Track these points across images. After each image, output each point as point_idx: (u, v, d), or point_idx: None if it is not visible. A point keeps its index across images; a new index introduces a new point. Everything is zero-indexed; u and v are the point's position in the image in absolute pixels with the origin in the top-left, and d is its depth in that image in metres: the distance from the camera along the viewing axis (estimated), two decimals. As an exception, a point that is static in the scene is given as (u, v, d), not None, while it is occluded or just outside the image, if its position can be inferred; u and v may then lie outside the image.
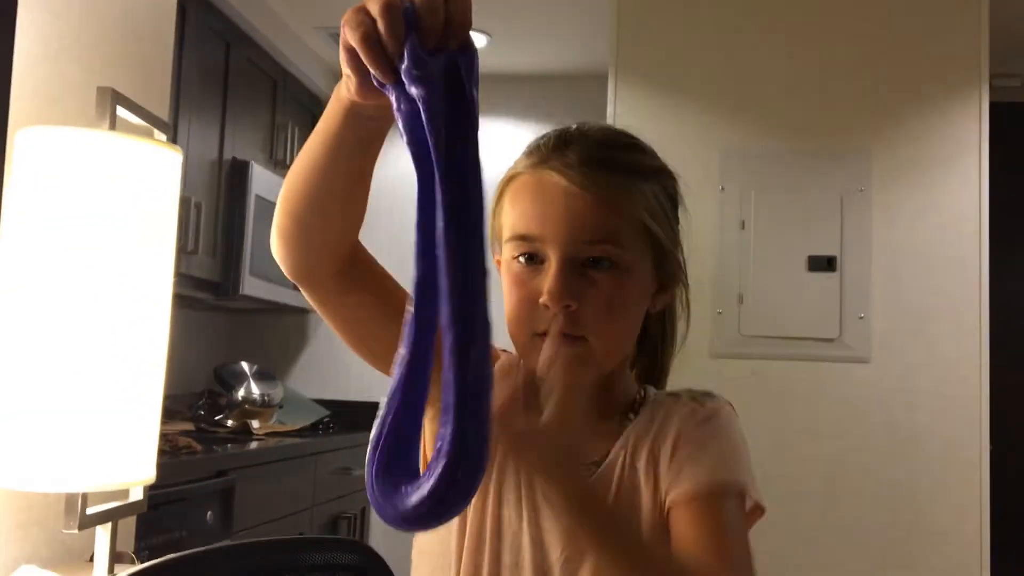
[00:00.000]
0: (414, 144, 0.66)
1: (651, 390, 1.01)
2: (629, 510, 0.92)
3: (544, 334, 0.91)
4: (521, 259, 0.94)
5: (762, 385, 2.97)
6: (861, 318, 2.95)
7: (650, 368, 1.06)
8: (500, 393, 1.00)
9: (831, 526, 2.88)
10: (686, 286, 1.02)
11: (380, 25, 0.66)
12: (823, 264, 2.95)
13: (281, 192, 0.87)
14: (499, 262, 0.99)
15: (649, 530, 0.91)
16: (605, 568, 0.83)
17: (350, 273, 0.92)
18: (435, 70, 0.65)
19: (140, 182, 1.28)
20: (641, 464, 0.94)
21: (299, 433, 3.50)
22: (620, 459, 0.94)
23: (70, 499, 1.27)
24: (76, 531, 1.27)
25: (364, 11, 0.66)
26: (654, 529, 0.91)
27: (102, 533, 1.36)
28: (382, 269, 0.96)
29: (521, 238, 0.93)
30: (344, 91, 0.76)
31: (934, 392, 2.91)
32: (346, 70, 0.71)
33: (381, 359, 0.95)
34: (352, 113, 0.78)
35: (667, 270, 0.98)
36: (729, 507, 0.89)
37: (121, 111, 1.36)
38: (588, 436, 0.97)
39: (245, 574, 1.26)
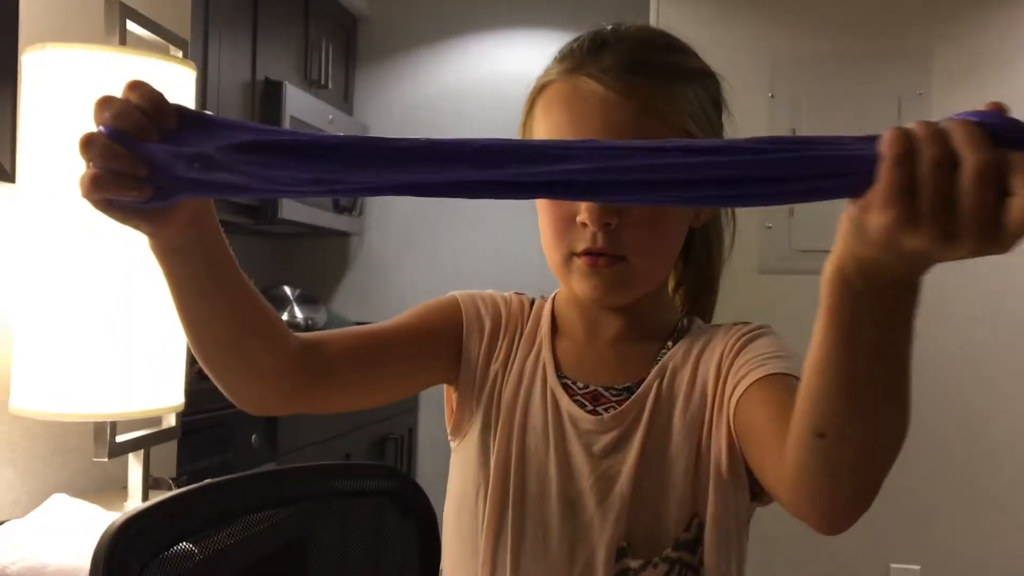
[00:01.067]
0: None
1: (697, 321, 0.95)
2: (665, 430, 0.86)
3: (583, 254, 0.86)
4: None
5: (814, 302, 2.88)
6: (918, 229, 2.83)
7: (698, 286, 0.99)
8: None
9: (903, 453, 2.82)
10: None
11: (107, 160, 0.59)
12: (879, 173, 2.83)
13: (195, 352, 0.78)
14: None
15: (684, 462, 0.85)
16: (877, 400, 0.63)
17: (311, 371, 0.84)
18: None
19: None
20: (680, 393, 0.88)
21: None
22: (655, 387, 0.88)
23: (99, 427, 1.25)
24: (106, 459, 1.25)
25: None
26: (689, 460, 0.85)
27: (134, 461, 1.35)
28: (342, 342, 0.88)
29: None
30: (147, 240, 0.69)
31: (1000, 306, 2.80)
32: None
33: (407, 383, 0.95)
34: (158, 245, 0.70)
35: None
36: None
37: (132, 27, 1.30)
38: (621, 359, 0.91)
39: (278, 501, 1.24)
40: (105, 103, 0.61)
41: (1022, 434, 2.78)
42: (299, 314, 3.42)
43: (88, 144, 0.59)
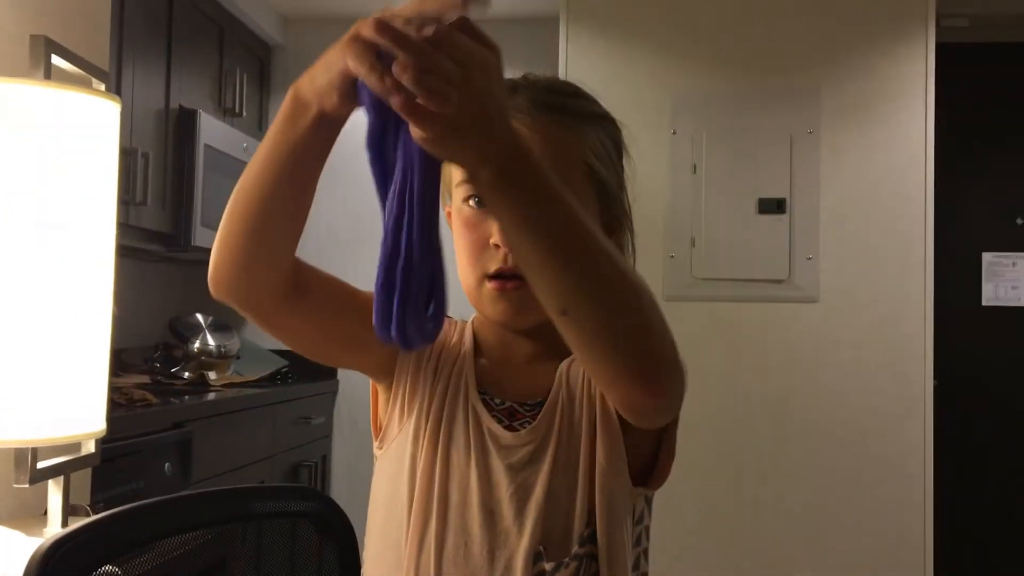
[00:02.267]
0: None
1: None
2: (572, 436, 0.94)
3: (494, 276, 0.94)
4: (471, 202, 0.95)
5: (714, 326, 3.02)
6: (809, 259, 2.99)
7: None
8: None
9: (780, 462, 2.96)
10: (632, 232, 1.04)
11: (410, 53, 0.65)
12: (773, 207, 2.99)
13: (232, 208, 0.83)
14: (450, 213, 0.99)
15: (584, 461, 0.93)
16: (579, 270, 0.75)
17: (297, 283, 0.90)
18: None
19: (77, 134, 1.26)
20: (576, 392, 0.96)
21: (258, 383, 3.50)
22: (560, 397, 0.96)
23: (19, 453, 1.27)
24: (27, 485, 1.27)
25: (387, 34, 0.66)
26: (586, 458, 0.93)
27: (54, 487, 1.36)
28: (323, 273, 0.95)
29: (470, 181, 0.94)
30: (310, 96, 0.76)
31: (880, 330, 2.97)
32: (360, 70, 0.68)
33: (354, 348, 0.98)
34: (323, 120, 0.77)
35: (614, 214, 1.00)
36: None
37: (57, 60, 1.34)
38: (533, 376, 0.99)
39: (197, 524, 1.28)
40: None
41: (906, 450, 2.94)
42: (211, 341, 3.41)
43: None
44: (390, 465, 0.99)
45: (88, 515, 1.56)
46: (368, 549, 1.02)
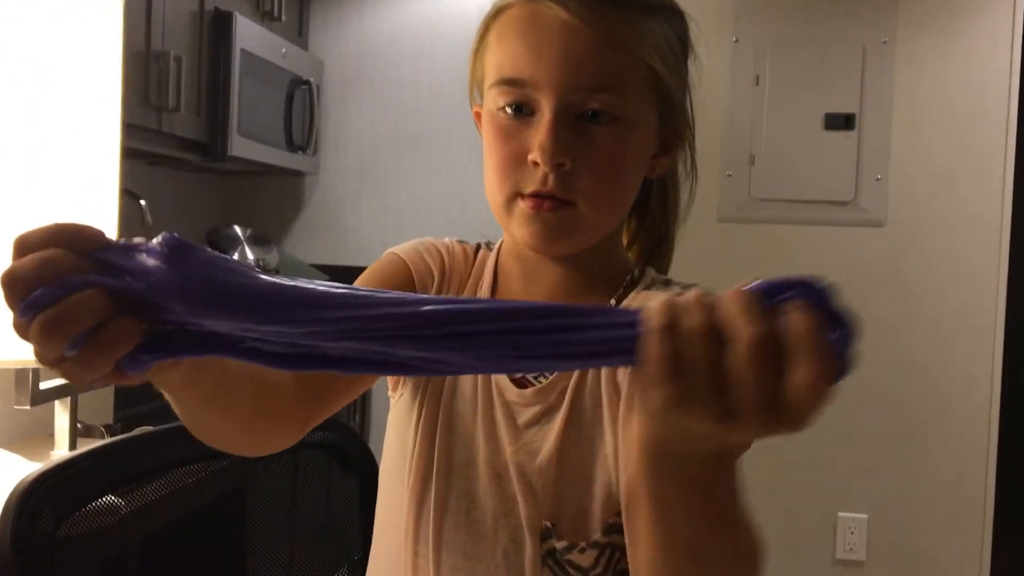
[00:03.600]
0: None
1: (650, 273, 0.89)
2: (595, 400, 0.82)
3: (530, 195, 0.80)
4: (508, 109, 0.81)
5: (772, 250, 2.86)
6: (878, 180, 2.81)
7: (653, 240, 0.94)
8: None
9: (839, 393, 2.82)
10: (692, 147, 0.89)
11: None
12: (840, 122, 2.80)
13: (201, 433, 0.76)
14: (479, 114, 0.86)
15: (615, 438, 0.80)
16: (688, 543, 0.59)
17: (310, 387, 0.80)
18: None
19: (77, 29, 1.14)
20: None
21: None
22: None
23: (20, 374, 1.19)
24: (28, 407, 1.20)
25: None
26: (620, 424, 0.80)
27: (60, 408, 1.29)
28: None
29: (509, 83, 0.80)
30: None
31: (950, 258, 2.80)
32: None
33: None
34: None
35: (673, 126, 0.85)
36: None
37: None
38: None
39: (209, 452, 1.19)
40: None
41: (970, 385, 2.80)
42: (250, 255, 3.33)
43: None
44: (399, 415, 0.88)
45: (104, 437, 1.49)
46: (378, 503, 0.92)
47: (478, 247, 0.92)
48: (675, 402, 0.46)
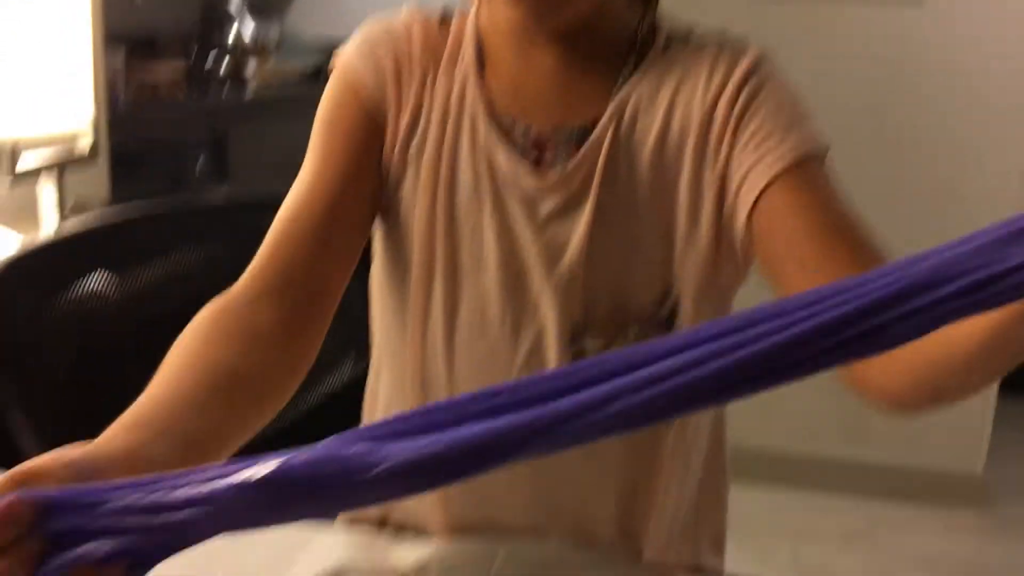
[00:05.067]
0: None
1: (664, 31, 0.76)
2: (626, 197, 0.73)
3: None
4: None
5: (801, 32, 2.70)
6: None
7: None
8: None
9: (873, 184, 2.72)
10: None
11: None
12: None
13: None
14: None
15: (655, 226, 0.73)
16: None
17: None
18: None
19: None
20: (648, 140, 0.73)
21: (299, 78, 3.27)
22: (610, 132, 0.72)
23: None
24: (9, 182, 1.13)
25: None
26: (661, 224, 0.73)
27: (47, 185, 1.22)
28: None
29: None
30: None
31: (993, 41, 2.63)
32: None
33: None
34: None
35: None
36: (829, 178, 0.76)
37: None
38: (568, 92, 0.74)
39: (207, 236, 1.13)
40: None
41: None
42: (249, 25, 3.15)
43: None
44: (386, 214, 0.78)
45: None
46: (377, 318, 0.83)
47: (445, 17, 0.78)
48: None
